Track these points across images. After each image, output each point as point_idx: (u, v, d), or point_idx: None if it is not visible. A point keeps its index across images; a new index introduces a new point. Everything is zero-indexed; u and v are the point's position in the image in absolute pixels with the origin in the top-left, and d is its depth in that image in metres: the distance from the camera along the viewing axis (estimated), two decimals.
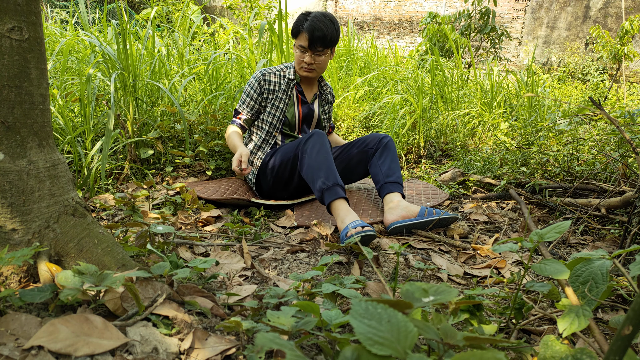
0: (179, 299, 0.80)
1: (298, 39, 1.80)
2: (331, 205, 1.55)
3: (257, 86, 1.89)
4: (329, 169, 1.59)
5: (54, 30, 2.89)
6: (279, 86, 1.93)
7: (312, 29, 1.74)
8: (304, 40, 1.78)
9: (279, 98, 1.91)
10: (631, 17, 6.15)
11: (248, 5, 6.10)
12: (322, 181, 1.57)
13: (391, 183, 1.74)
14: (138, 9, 10.25)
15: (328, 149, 1.66)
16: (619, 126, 1.39)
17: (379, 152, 1.85)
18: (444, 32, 5.67)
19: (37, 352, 0.57)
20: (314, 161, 1.62)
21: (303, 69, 1.87)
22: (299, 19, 1.79)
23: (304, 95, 1.96)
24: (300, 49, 1.82)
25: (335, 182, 1.57)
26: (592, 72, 9.26)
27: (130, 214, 1.39)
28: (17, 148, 0.77)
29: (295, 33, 1.81)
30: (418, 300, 0.57)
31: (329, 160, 1.62)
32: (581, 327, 0.64)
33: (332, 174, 1.58)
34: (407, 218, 1.58)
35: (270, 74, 1.92)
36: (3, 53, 0.74)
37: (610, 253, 1.15)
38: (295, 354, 0.48)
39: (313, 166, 1.61)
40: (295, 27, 1.80)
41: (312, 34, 1.74)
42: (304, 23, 1.77)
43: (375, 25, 11.47)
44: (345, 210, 1.51)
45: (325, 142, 1.67)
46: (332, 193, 1.55)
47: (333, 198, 1.54)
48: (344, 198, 1.55)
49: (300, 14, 1.81)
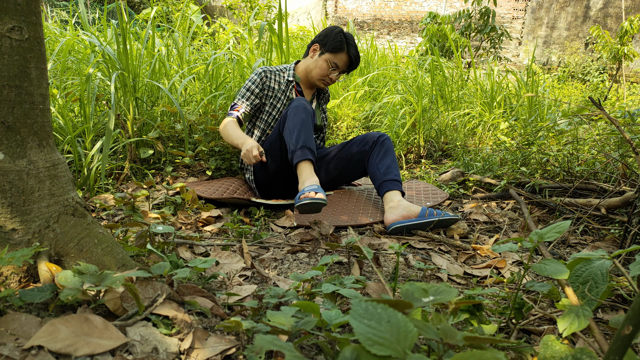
0: (179, 299, 0.80)
1: (335, 56, 1.82)
2: (297, 166, 1.62)
3: (259, 81, 1.89)
4: (301, 130, 1.64)
5: (54, 30, 2.89)
6: (279, 86, 1.93)
7: (356, 57, 1.85)
8: (342, 61, 1.84)
9: (277, 98, 1.92)
10: (631, 17, 6.15)
11: (248, 5, 6.10)
12: (293, 143, 1.64)
13: (390, 181, 1.73)
14: (138, 9, 10.25)
15: (306, 111, 1.69)
16: (619, 126, 1.39)
17: (376, 150, 1.84)
18: (444, 32, 5.67)
19: (37, 352, 0.57)
20: (291, 122, 1.67)
21: (323, 82, 1.90)
22: (339, 37, 1.81)
23: (302, 95, 1.97)
24: (332, 66, 1.84)
25: (304, 144, 1.62)
26: (592, 72, 9.26)
27: (130, 214, 1.39)
28: (17, 148, 0.77)
29: (335, 50, 1.81)
30: (418, 300, 0.57)
31: (305, 122, 1.66)
32: (581, 327, 0.64)
33: (303, 136, 1.63)
34: (407, 218, 1.58)
35: (271, 72, 1.92)
36: (3, 53, 0.74)
37: (610, 253, 1.15)
38: (295, 355, 0.48)
39: (290, 127, 1.67)
40: (339, 45, 1.81)
41: (354, 61, 1.86)
42: (347, 46, 1.82)
43: (375, 25, 11.47)
44: (308, 173, 1.58)
45: (305, 105, 1.70)
46: (300, 154, 1.61)
47: (299, 159, 1.61)
48: (310, 160, 1.61)
49: (338, 31, 1.83)
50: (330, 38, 1.81)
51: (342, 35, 1.81)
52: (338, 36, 1.80)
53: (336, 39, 1.80)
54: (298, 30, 5.85)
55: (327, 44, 1.82)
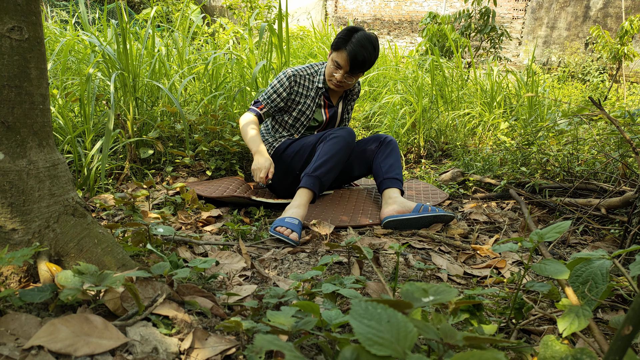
0: (179, 299, 0.80)
1: (337, 54, 1.72)
2: (300, 189, 1.62)
3: (287, 85, 1.82)
4: (329, 162, 1.64)
5: (54, 30, 2.89)
6: (308, 91, 1.87)
7: (355, 54, 1.68)
8: (342, 59, 1.71)
9: (306, 104, 1.88)
10: (631, 17, 6.15)
11: (248, 5, 6.10)
12: (314, 167, 1.64)
13: (390, 179, 1.76)
14: (138, 9, 10.25)
15: (348, 147, 1.70)
16: (619, 126, 1.39)
17: (382, 149, 1.87)
18: (444, 32, 5.67)
19: (37, 352, 0.57)
20: (327, 148, 1.68)
21: (332, 83, 1.81)
22: (344, 35, 1.70)
23: (330, 100, 1.93)
24: (335, 65, 1.75)
25: (320, 176, 1.63)
26: (592, 72, 9.26)
27: (130, 214, 1.39)
28: (17, 148, 0.77)
29: (336, 47, 1.72)
30: (418, 300, 0.57)
31: (340, 158, 1.67)
32: (581, 327, 0.64)
33: (325, 168, 1.63)
34: (402, 213, 1.61)
35: (301, 77, 1.85)
36: (3, 53, 0.74)
37: (610, 253, 1.15)
38: (295, 355, 0.48)
39: (323, 151, 1.67)
40: (338, 42, 1.71)
41: (353, 59, 1.69)
42: (347, 43, 1.69)
43: (375, 25, 11.47)
44: (301, 202, 1.58)
45: (350, 141, 1.71)
46: (309, 182, 1.62)
47: (304, 185, 1.62)
48: (313, 192, 1.62)
49: (347, 29, 1.72)
50: (337, 37, 1.74)
51: (346, 32, 1.72)
52: (342, 33, 1.72)
53: (339, 35, 1.72)
54: (298, 30, 5.86)
55: (333, 43, 1.76)
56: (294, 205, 1.57)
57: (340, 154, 1.67)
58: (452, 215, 1.63)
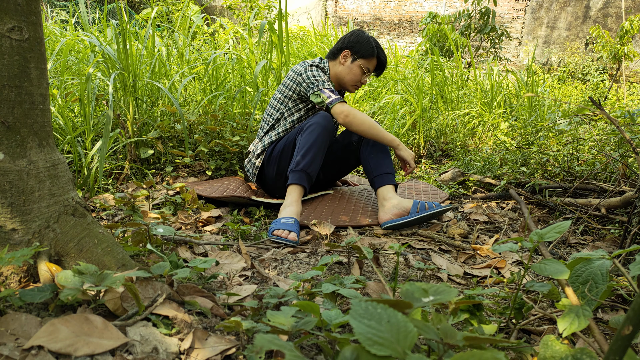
0: (179, 299, 0.80)
1: (369, 62, 1.84)
2: (289, 187, 1.64)
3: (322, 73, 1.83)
4: (310, 151, 1.64)
5: (54, 30, 2.89)
6: None
7: (385, 60, 1.89)
8: (374, 65, 1.87)
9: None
10: (631, 17, 6.15)
11: (248, 5, 6.10)
12: (296, 161, 1.65)
13: (380, 175, 1.76)
14: (138, 9, 10.25)
15: (326, 132, 1.68)
16: (619, 126, 1.39)
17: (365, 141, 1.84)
18: (444, 32, 5.67)
19: (37, 352, 0.57)
20: (305, 139, 1.68)
21: (356, 87, 1.91)
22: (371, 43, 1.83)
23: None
24: (366, 70, 1.86)
25: (305, 168, 1.63)
26: (592, 72, 9.26)
27: (130, 214, 1.39)
28: (17, 148, 0.77)
29: (367, 56, 1.83)
30: (418, 300, 0.57)
31: (320, 145, 1.66)
32: (581, 327, 0.64)
33: (308, 159, 1.64)
34: (400, 216, 1.62)
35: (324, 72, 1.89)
36: (3, 53, 0.74)
37: (610, 253, 1.15)
38: (295, 355, 0.48)
39: (302, 143, 1.68)
40: (371, 51, 1.83)
41: (384, 63, 1.90)
42: (378, 50, 1.85)
43: (375, 25, 11.47)
44: (293, 200, 1.60)
45: (327, 126, 1.69)
46: (296, 177, 1.63)
47: (293, 182, 1.63)
48: (302, 186, 1.63)
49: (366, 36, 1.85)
50: (362, 45, 1.83)
51: (372, 40, 1.85)
52: (369, 42, 1.84)
53: (368, 45, 1.83)
54: (298, 30, 5.86)
55: (359, 50, 1.83)
56: (286, 204, 1.59)
57: (319, 141, 1.67)
58: (448, 207, 1.64)
